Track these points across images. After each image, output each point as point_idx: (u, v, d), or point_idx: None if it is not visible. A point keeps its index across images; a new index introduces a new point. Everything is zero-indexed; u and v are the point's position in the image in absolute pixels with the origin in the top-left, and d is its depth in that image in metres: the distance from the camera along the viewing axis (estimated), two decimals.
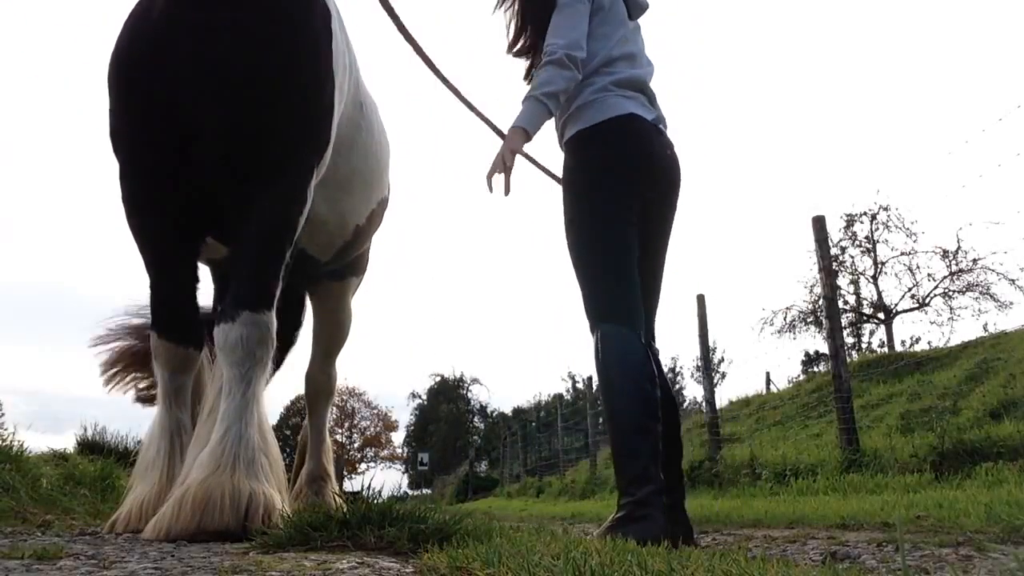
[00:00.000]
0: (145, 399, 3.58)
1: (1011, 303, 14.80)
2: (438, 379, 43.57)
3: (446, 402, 42.65)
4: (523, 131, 2.46)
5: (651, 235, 2.56)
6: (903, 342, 17.56)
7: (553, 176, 2.98)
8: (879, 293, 16.98)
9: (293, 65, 2.37)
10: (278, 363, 4.06)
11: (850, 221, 16.95)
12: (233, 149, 2.32)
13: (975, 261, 15.17)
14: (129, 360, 3.52)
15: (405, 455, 42.05)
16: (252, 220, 2.35)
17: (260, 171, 2.36)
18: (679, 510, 2.53)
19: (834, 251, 16.18)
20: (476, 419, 43.78)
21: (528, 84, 2.75)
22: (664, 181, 2.58)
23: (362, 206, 3.35)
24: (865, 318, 17.86)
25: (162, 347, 2.48)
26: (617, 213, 2.44)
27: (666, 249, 2.67)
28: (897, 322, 17.03)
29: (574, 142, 2.56)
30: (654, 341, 2.63)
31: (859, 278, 17.31)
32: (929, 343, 16.15)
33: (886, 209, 16.31)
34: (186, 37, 2.27)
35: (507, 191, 2.50)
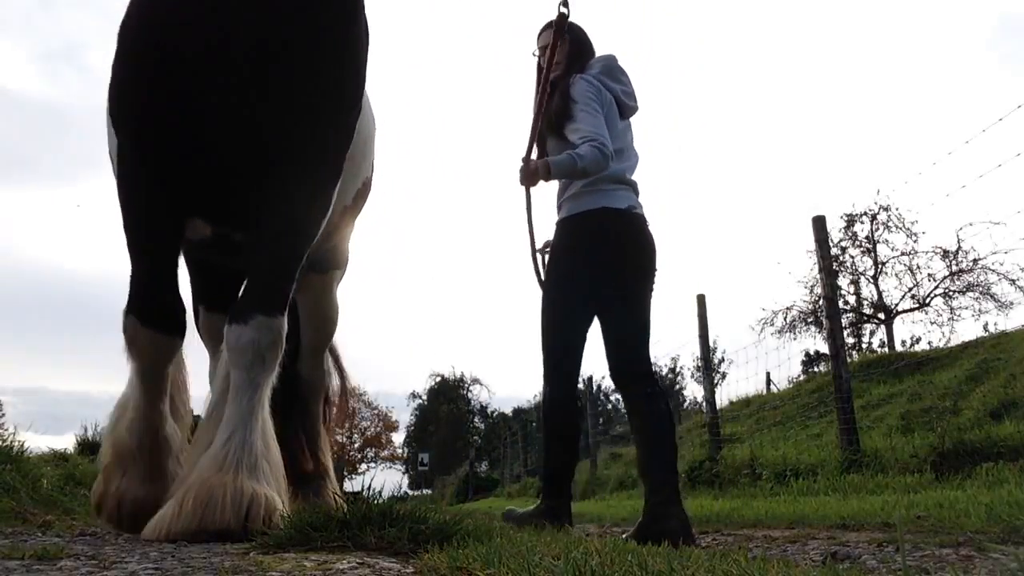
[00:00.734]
0: None
1: (1011, 303, 14.76)
2: (438, 379, 43.56)
3: (446, 402, 42.63)
4: (548, 169, 2.98)
5: (622, 292, 3.00)
6: (903, 342, 17.55)
7: (531, 234, 3.46)
8: (879, 293, 16.97)
9: (344, 62, 2.27)
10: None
11: (850, 221, 16.94)
12: (264, 144, 2.21)
13: (975, 261, 15.13)
14: None
15: (405, 455, 42.01)
16: (272, 220, 2.26)
17: (290, 167, 2.25)
18: (672, 504, 2.71)
19: (834, 251, 16.16)
20: (476, 419, 43.78)
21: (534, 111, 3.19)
22: (631, 255, 3.01)
23: (349, 186, 3.28)
24: (865, 318, 17.83)
25: (143, 335, 2.31)
26: (573, 288, 3.04)
27: (643, 297, 3.04)
28: (897, 322, 17.03)
29: (561, 224, 3.16)
30: (640, 366, 2.99)
31: (859, 278, 17.30)
32: (929, 343, 16.12)
33: (886, 209, 16.30)
34: (229, 20, 2.11)
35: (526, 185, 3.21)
